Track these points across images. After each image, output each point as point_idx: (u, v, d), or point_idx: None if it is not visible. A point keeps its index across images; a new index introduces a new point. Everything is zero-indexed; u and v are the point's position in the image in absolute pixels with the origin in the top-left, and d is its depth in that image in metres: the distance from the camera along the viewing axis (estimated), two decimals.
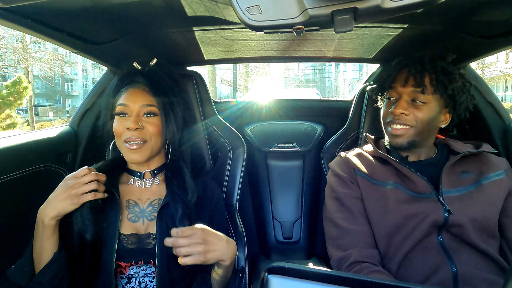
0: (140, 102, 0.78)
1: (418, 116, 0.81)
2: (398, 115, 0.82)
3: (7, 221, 0.82)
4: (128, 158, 0.78)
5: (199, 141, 1.05)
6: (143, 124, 0.77)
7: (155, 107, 0.79)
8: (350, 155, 0.93)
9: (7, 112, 7.72)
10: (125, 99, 0.78)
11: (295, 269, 0.32)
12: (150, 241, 0.75)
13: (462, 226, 0.75)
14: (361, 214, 0.84)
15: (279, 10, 0.47)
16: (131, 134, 0.76)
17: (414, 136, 0.82)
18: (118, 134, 0.78)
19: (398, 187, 0.82)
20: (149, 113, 0.78)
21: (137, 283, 0.74)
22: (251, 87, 14.97)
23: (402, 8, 0.45)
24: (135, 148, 0.76)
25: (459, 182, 0.81)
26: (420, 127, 0.81)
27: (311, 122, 1.50)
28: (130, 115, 0.77)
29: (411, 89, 0.81)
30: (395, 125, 0.83)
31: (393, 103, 0.85)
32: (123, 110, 0.78)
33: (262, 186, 1.45)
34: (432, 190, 0.79)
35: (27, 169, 0.86)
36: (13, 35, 10.98)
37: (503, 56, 12.15)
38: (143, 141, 0.77)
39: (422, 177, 0.80)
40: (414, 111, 0.81)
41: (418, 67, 0.81)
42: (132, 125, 0.75)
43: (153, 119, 0.79)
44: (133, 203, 0.80)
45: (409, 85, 0.81)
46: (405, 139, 0.82)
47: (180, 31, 0.93)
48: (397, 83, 0.84)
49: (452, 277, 0.73)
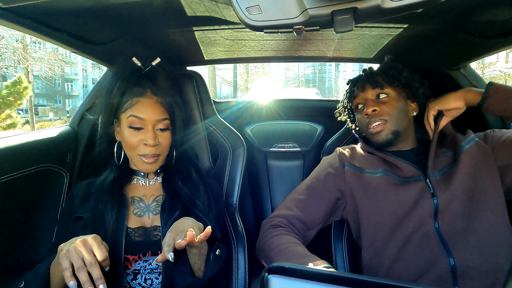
0: (156, 116, 0.78)
1: (387, 109, 0.88)
2: (370, 114, 0.89)
3: (7, 221, 0.82)
4: (140, 167, 0.80)
5: (199, 141, 1.05)
6: (158, 139, 0.78)
7: (169, 121, 0.80)
8: (343, 150, 0.99)
9: (7, 112, 7.72)
10: (140, 112, 0.76)
11: (295, 269, 0.32)
12: (156, 233, 0.77)
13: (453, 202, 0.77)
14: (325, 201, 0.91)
15: (279, 10, 0.47)
16: (149, 150, 0.77)
17: (393, 126, 0.88)
18: (132, 147, 0.77)
19: (387, 174, 0.87)
20: (164, 127, 0.79)
21: (143, 280, 0.74)
22: (251, 87, 14.98)
23: (402, 8, 0.45)
24: (151, 162, 0.78)
25: (442, 163, 0.86)
26: (394, 118, 0.88)
27: (311, 122, 1.50)
28: (145, 129, 0.77)
29: (371, 91, 0.92)
30: (372, 123, 0.89)
31: (362, 109, 0.94)
32: (139, 124, 0.77)
33: (262, 186, 1.45)
34: (420, 173, 0.84)
35: (27, 169, 0.86)
36: (13, 35, 10.99)
37: (503, 56, 12.14)
38: (158, 155, 0.79)
39: (408, 162, 0.86)
40: (382, 106, 0.89)
41: (368, 73, 0.95)
42: (152, 142, 0.76)
43: (166, 133, 0.80)
44: (138, 199, 0.81)
45: (368, 88, 0.93)
46: (387, 132, 0.88)
47: (180, 31, 0.93)
48: (358, 93, 0.95)
49: (450, 271, 0.73)
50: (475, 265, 0.72)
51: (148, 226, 0.78)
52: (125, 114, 0.78)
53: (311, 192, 0.91)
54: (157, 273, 0.75)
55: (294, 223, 0.87)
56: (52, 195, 0.95)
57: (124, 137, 0.78)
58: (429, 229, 0.77)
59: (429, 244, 0.76)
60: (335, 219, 0.97)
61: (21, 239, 0.86)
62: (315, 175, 0.96)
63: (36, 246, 0.89)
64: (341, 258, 0.96)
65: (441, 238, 0.75)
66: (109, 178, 0.80)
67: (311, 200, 0.90)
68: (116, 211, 0.75)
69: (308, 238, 0.91)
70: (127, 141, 0.77)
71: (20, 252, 0.86)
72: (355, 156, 0.95)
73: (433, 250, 0.75)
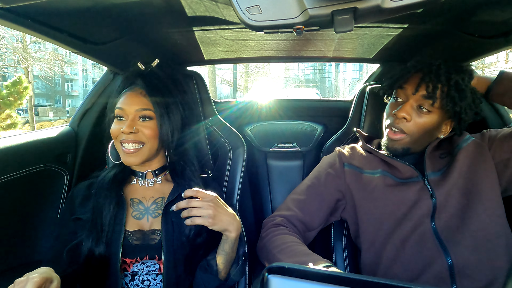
0: (136, 106, 0.78)
1: (418, 123, 0.80)
2: (399, 119, 0.81)
3: (7, 221, 0.82)
4: (124, 160, 0.79)
5: (199, 141, 1.05)
6: (138, 127, 0.78)
7: (151, 111, 0.79)
8: (343, 150, 0.98)
9: (7, 112, 7.72)
10: (122, 103, 0.79)
11: (295, 269, 0.32)
12: (154, 237, 0.76)
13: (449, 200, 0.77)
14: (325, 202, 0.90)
15: (279, 10, 0.47)
16: (126, 137, 0.77)
17: (409, 144, 0.83)
18: (114, 136, 0.79)
19: (386, 175, 0.86)
20: (144, 117, 0.79)
21: (140, 281, 0.75)
22: (251, 87, 14.97)
23: (402, 8, 0.45)
24: (131, 151, 0.78)
25: (439, 164, 0.85)
26: (417, 135, 0.81)
27: (311, 122, 1.50)
28: (126, 119, 0.78)
29: (420, 97, 0.80)
30: (393, 128, 0.83)
31: (399, 104, 0.84)
32: (120, 114, 0.79)
33: (262, 186, 1.45)
34: (419, 174, 0.83)
35: (27, 169, 0.86)
36: (13, 35, 10.98)
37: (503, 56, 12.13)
38: (140, 143, 0.78)
39: (406, 163, 0.84)
40: (416, 117, 0.80)
41: (432, 77, 0.78)
42: (126, 129, 0.76)
43: (148, 122, 0.79)
44: (137, 201, 0.81)
45: (420, 92, 0.79)
46: (399, 146, 0.84)
47: (180, 31, 0.93)
48: (408, 86, 0.82)
49: (447, 269, 0.73)
50: (472, 263, 0.72)
51: (146, 230, 0.78)
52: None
53: (311, 193, 0.91)
54: (154, 274, 0.75)
55: (294, 223, 0.87)
56: (52, 195, 0.95)
57: (111, 129, 0.80)
58: (426, 228, 0.77)
59: (426, 244, 0.76)
60: (334, 219, 0.97)
61: (21, 239, 0.86)
62: (315, 175, 0.95)
63: (36, 246, 0.89)
64: (341, 258, 0.96)
65: (438, 237, 0.76)
66: (109, 174, 0.81)
67: (311, 201, 0.90)
68: (114, 205, 0.75)
69: (308, 239, 0.91)
70: (111, 131, 0.79)
71: (20, 252, 0.86)
72: (355, 156, 0.94)
73: (430, 250, 0.75)
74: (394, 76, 0.86)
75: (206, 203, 0.67)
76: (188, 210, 0.68)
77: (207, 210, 0.67)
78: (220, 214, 0.68)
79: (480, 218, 0.75)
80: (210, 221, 0.67)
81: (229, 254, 0.73)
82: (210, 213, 0.67)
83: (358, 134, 1.01)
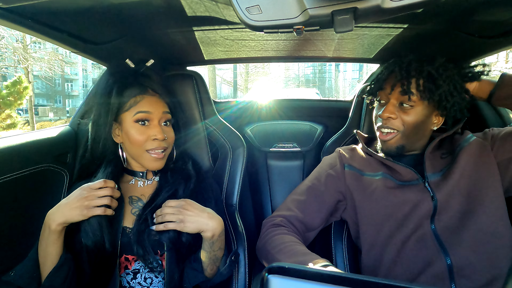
0: (161, 109, 0.79)
1: (405, 120, 0.82)
2: (385, 119, 0.84)
3: (7, 221, 0.82)
4: (149, 165, 0.79)
5: (199, 141, 1.05)
6: (165, 133, 0.79)
7: (170, 114, 0.82)
8: (344, 151, 0.97)
9: (7, 112, 7.73)
10: (147, 107, 0.77)
11: (295, 269, 0.32)
12: (154, 233, 0.76)
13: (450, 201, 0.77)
14: (325, 203, 0.90)
15: (279, 10, 0.47)
16: (158, 144, 0.77)
17: (402, 140, 0.84)
18: (140, 143, 0.77)
19: (387, 177, 0.86)
20: (168, 120, 0.81)
21: (143, 279, 0.75)
22: (251, 87, 14.97)
23: (402, 8, 0.45)
24: (161, 157, 0.79)
25: (440, 164, 0.84)
26: (408, 131, 0.83)
27: (311, 122, 1.50)
28: (151, 123, 0.78)
29: (398, 94, 0.82)
30: (383, 129, 0.85)
31: (383, 105, 0.86)
32: (146, 117, 0.77)
33: (262, 186, 1.45)
34: (419, 177, 0.83)
35: (27, 169, 0.86)
36: (13, 35, 10.98)
37: (503, 56, 12.13)
38: (165, 149, 0.80)
39: (406, 166, 0.84)
40: (401, 115, 0.82)
41: (404, 73, 0.81)
42: (161, 136, 0.76)
43: (170, 127, 0.82)
44: (136, 199, 0.81)
45: (396, 90, 0.82)
46: (393, 144, 0.84)
47: (180, 31, 0.93)
48: (386, 87, 0.85)
49: (447, 270, 0.73)
50: (471, 263, 0.72)
51: None
52: (129, 112, 0.77)
53: (311, 194, 0.91)
54: (156, 271, 0.75)
55: (294, 223, 0.87)
56: (52, 195, 0.95)
57: (130, 135, 0.77)
58: (426, 229, 0.77)
59: (426, 245, 0.76)
60: (334, 220, 0.97)
61: (21, 239, 0.86)
62: (315, 176, 0.95)
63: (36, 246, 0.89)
64: (341, 258, 0.96)
65: (438, 238, 0.76)
66: (105, 172, 0.80)
67: (311, 201, 0.90)
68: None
69: (308, 239, 0.91)
70: (134, 139, 0.77)
71: (20, 252, 0.86)
72: (355, 158, 0.94)
73: (430, 250, 0.75)
74: (373, 81, 0.91)
75: (177, 209, 0.73)
76: (161, 216, 0.74)
77: (177, 215, 0.72)
78: (190, 217, 0.72)
79: (480, 219, 0.75)
80: (181, 225, 0.72)
81: (211, 253, 0.74)
82: (179, 218, 0.72)
83: (358, 136, 1.00)
